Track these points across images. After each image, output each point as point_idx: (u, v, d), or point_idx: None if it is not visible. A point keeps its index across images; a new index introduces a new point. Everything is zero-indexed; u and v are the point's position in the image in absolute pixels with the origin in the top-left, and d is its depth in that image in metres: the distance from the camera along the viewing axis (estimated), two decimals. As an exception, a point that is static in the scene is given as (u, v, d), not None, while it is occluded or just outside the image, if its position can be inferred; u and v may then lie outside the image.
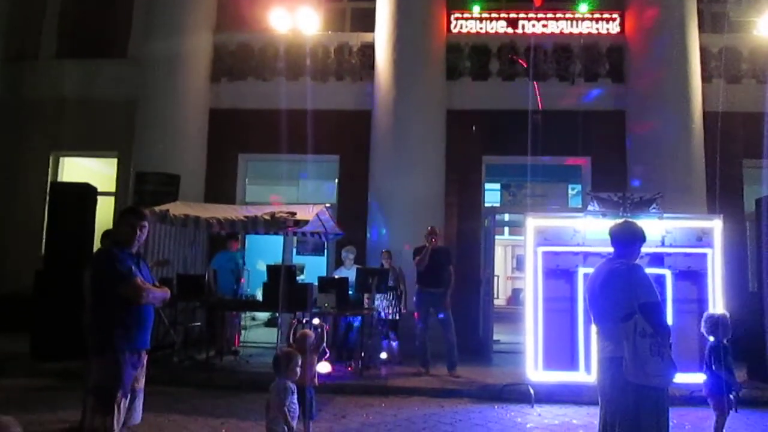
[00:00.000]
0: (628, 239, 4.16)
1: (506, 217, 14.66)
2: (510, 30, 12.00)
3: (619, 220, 4.43)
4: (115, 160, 12.64)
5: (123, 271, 4.05)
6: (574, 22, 11.96)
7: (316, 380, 5.37)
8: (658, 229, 7.54)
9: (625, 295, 3.91)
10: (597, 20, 11.94)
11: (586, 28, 11.94)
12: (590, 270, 7.29)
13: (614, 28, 11.90)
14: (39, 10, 13.17)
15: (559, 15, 11.96)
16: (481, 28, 12.05)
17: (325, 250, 12.46)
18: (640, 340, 3.81)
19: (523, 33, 11.92)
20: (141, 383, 4.19)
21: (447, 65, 11.80)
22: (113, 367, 3.97)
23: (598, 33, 11.91)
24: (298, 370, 4.75)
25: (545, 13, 11.93)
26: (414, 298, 9.09)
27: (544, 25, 11.94)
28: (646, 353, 3.79)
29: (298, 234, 10.18)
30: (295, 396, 4.70)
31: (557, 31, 11.95)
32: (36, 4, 13.17)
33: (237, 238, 10.33)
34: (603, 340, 4.08)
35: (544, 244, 7.71)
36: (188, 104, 11.78)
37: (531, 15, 11.92)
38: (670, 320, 7.03)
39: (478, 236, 11.44)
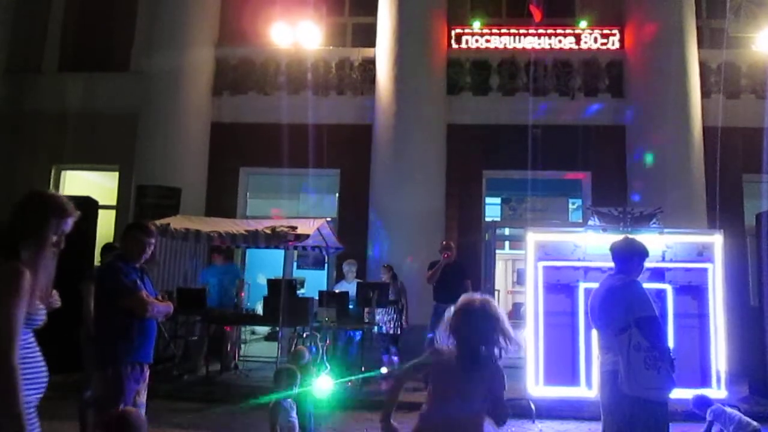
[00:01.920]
0: (627, 255, 4.20)
1: (507, 231, 14.63)
2: (510, 45, 12.06)
3: (620, 236, 4.47)
4: (116, 173, 12.66)
5: (128, 284, 4.06)
6: (574, 37, 12.03)
7: (314, 395, 5.38)
8: (658, 244, 7.53)
9: (622, 310, 3.97)
10: (597, 35, 12.01)
11: (585, 43, 12.01)
12: (591, 285, 7.37)
13: (614, 43, 11.96)
14: (42, 24, 13.26)
15: (559, 30, 12.03)
16: (481, 44, 12.11)
17: (326, 264, 12.45)
18: (635, 353, 3.86)
19: (524, 48, 11.98)
20: (143, 397, 4.19)
21: (447, 80, 11.84)
22: (116, 381, 3.97)
23: (598, 48, 11.97)
24: (296, 385, 4.77)
25: (545, 29, 12.00)
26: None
27: (545, 41, 12.00)
28: (640, 366, 3.84)
29: (299, 248, 10.18)
30: (295, 412, 4.71)
31: (557, 46, 12.02)
32: (39, 18, 13.26)
33: (220, 252, 10.04)
34: (603, 354, 4.14)
35: (544, 258, 7.71)
36: (190, 118, 11.82)
37: (531, 30, 11.99)
38: (670, 335, 7.04)
39: (479, 250, 11.42)
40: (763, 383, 8.13)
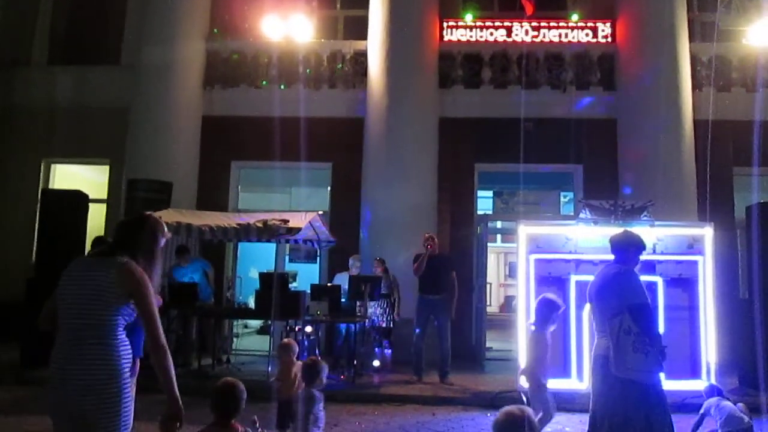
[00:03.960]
0: (623, 246, 4.40)
1: (499, 224, 14.69)
2: (502, 38, 12.05)
3: (613, 229, 4.64)
4: (107, 167, 12.60)
5: None
6: (566, 30, 12.02)
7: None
8: (649, 236, 7.53)
9: (615, 296, 4.18)
10: (588, 29, 12.01)
11: (577, 36, 12.01)
12: (582, 277, 7.43)
13: (605, 36, 11.95)
14: (31, 17, 13.15)
15: (551, 23, 12.02)
16: (473, 37, 12.09)
17: (318, 258, 12.44)
18: (624, 336, 4.06)
19: (516, 41, 11.97)
20: (132, 390, 4.18)
21: (439, 73, 11.83)
22: None
23: (590, 42, 11.98)
24: (325, 377, 4.83)
25: (537, 22, 11.99)
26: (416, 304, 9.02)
27: (536, 34, 11.99)
28: (628, 348, 4.04)
29: (291, 241, 10.17)
30: (322, 404, 4.77)
31: (549, 39, 12.01)
32: (28, 11, 13.15)
33: (183, 252, 9.74)
34: (598, 339, 4.37)
35: (536, 251, 7.73)
36: (181, 111, 11.76)
37: (523, 23, 11.97)
38: (661, 327, 7.07)
39: (471, 243, 11.46)
40: (752, 374, 8.19)
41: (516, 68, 11.89)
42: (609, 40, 11.94)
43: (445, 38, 12.04)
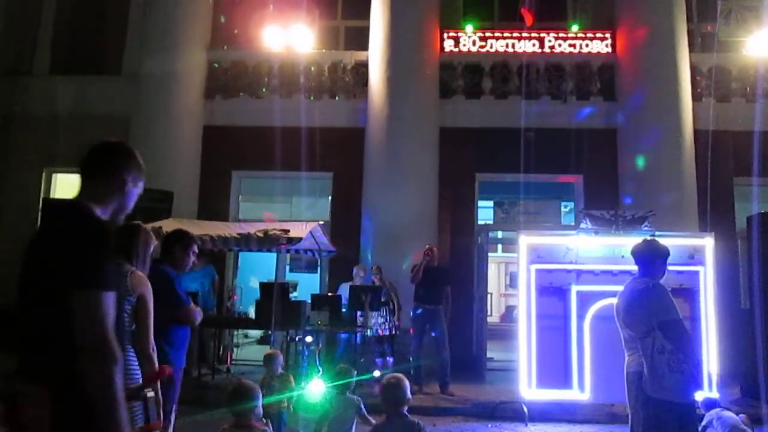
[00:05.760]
0: (648, 257, 4.26)
1: (499, 234, 14.66)
2: (503, 49, 12.09)
3: (640, 239, 4.49)
4: (108, 177, 12.57)
5: (182, 295, 4.26)
6: (566, 41, 12.06)
7: (286, 404, 5.42)
8: (650, 246, 7.54)
9: (645, 313, 4.04)
10: (589, 39, 12.05)
11: (577, 47, 12.04)
12: (583, 287, 7.42)
13: (606, 47, 12.00)
14: (33, 26, 13.19)
15: (551, 34, 12.06)
16: (474, 47, 12.13)
17: (318, 267, 12.43)
18: (658, 356, 3.93)
19: (516, 52, 12.01)
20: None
21: (440, 83, 11.85)
22: (172, 386, 4.09)
23: (590, 52, 12.01)
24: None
25: (537, 32, 12.03)
26: (411, 314, 9.04)
27: (536, 45, 12.03)
28: (663, 369, 3.90)
29: (291, 251, 10.16)
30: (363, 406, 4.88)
31: (549, 50, 12.04)
32: (30, 20, 13.19)
33: (198, 255, 9.83)
34: (629, 356, 4.23)
35: (537, 261, 7.72)
36: (182, 121, 11.78)
37: (523, 34, 12.01)
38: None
39: (472, 253, 11.44)
40: (754, 385, 8.16)
41: (516, 78, 11.92)
42: (609, 50, 11.97)
43: (446, 49, 12.07)
